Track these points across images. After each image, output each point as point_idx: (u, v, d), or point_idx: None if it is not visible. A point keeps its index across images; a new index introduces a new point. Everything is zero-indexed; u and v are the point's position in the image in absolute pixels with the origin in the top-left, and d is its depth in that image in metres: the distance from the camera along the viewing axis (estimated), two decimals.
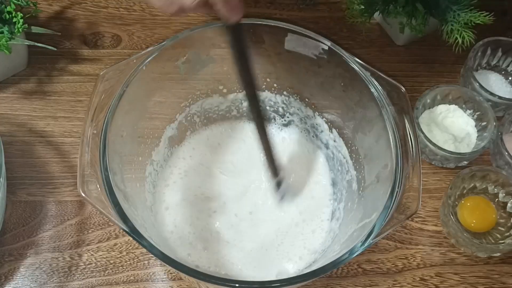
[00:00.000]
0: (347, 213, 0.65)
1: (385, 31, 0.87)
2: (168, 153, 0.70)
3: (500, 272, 0.69)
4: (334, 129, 0.69)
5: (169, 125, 0.69)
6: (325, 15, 0.88)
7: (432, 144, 0.72)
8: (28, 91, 0.78)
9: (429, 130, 0.75)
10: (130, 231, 0.51)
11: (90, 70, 0.80)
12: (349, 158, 0.67)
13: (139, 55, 0.61)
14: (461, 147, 0.74)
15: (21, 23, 0.70)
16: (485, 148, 0.72)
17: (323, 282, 0.67)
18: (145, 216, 0.62)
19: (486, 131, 0.74)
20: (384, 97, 0.60)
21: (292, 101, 0.71)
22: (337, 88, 0.65)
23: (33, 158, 0.73)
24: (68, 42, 0.82)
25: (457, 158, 0.73)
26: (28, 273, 0.66)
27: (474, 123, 0.77)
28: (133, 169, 0.63)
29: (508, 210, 0.71)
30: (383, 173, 0.59)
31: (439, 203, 0.73)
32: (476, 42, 0.76)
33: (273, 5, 0.89)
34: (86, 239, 0.68)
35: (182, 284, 0.66)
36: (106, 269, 0.66)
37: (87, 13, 0.85)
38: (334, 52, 0.63)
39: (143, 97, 0.63)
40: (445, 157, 0.73)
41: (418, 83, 0.82)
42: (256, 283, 0.51)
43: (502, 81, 0.82)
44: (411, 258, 0.69)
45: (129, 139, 0.62)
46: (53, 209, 0.69)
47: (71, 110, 0.77)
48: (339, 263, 0.52)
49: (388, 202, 0.54)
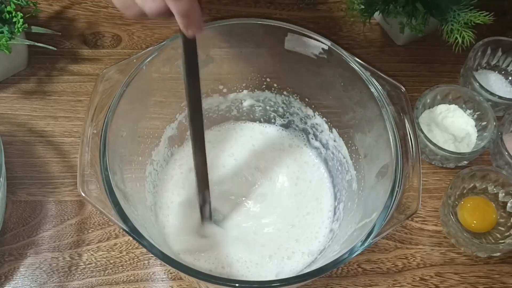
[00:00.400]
0: (347, 213, 0.65)
1: (385, 31, 0.87)
2: (168, 153, 0.70)
3: (500, 272, 0.69)
4: (334, 129, 0.69)
5: (169, 125, 0.69)
6: (325, 15, 0.88)
7: (432, 144, 0.72)
8: (28, 91, 0.78)
9: (429, 130, 0.75)
10: (130, 231, 0.51)
11: (90, 70, 0.80)
12: (349, 158, 0.67)
13: (139, 55, 0.61)
14: (461, 147, 0.74)
15: (21, 23, 0.70)
16: (485, 148, 0.72)
17: (323, 282, 0.67)
18: (145, 216, 0.62)
19: (486, 131, 0.75)
20: (384, 97, 0.60)
21: (292, 101, 0.71)
22: (337, 88, 0.65)
23: (33, 158, 0.73)
24: (68, 42, 0.82)
25: (457, 158, 0.73)
26: (28, 272, 0.66)
27: (474, 123, 0.77)
28: (133, 169, 0.63)
29: (508, 210, 0.71)
30: (383, 173, 0.59)
31: (439, 203, 0.73)
32: (476, 42, 0.76)
33: (273, 5, 0.89)
34: (86, 239, 0.68)
35: (182, 284, 0.66)
36: (106, 269, 0.66)
37: (87, 13, 0.85)
38: (334, 52, 0.63)
39: (143, 97, 0.63)
40: (445, 157, 0.73)
41: (418, 83, 0.82)
42: (256, 282, 0.52)
43: (502, 81, 0.82)
44: (411, 258, 0.69)
45: (129, 139, 0.62)
46: (53, 209, 0.69)
47: (71, 110, 0.77)
48: (339, 263, 0.52)
49: (388, 202, 0.54)
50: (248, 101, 0.73)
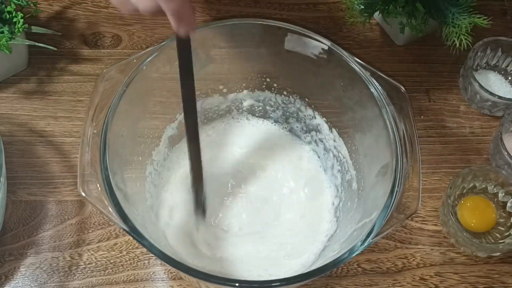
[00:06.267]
0: (347, 213, 0.65)
1: (385, 31, 0.87)
2: (169, 152, 0.70)
3: (500, 272, 0.69)
4: (334, 129, 0.69)
5: (169, 124, 0.69)
6: (325, 15, 0.88)
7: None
8: (29, 91, 0.78)
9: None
10: (130, 231, 0.51)
11: (91, 70, 0.80)
12: (349, 158, 0.67)
13: (139, 55, 0.61)
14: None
15: (21, 23, 0.70)
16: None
17: (323, 282, 0.67)
18: (145, 216, 0.62)
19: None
20: (384, 97, 0.60)
21: (292, 101, 0.71)
22: (337, 88, 0.65)
23: (33, 158, 0.73)
24: (69, 42, 0.82)
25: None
26: (29, 272, 0.66)
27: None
28: (133, 168, 0.63)
29: (508, 209, 0.71)
30: (383, 172, 0.59)
31: (439, 203, 0.73)
32: (476, 42, 0.76)
33: (273, 5, 0.89)
34: (86, 239, 0.68)
35: (182, 284, 0.66)
36: (106, 269, 0.66)
37: (87, 13, 0.85)
38: (334, 52, 0.63)
39: (143, 97, 0.63)
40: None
41: (418, 83, 0.82)
42: (256, 282, 0.52)
43: (502, 81, 0.82)
44: (410, 258, 0.69)
45: (129, 139, 0.62)
46: (53, 208, 0.70)
47: (72, 110, 0.77)
48: (339, 263, 0.52)
49: (388, 202, 0.54)
50: (248, 101, 0.73)
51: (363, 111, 0.63)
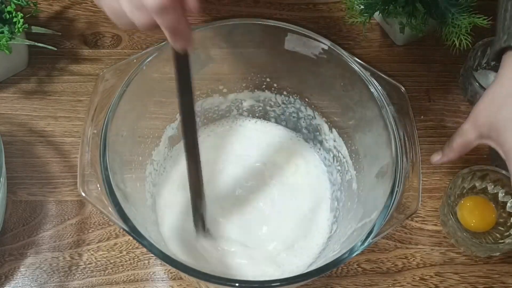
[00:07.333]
0: (347, 213, 0.65)
1: (385, 31, 0.87)
2: (169, 152, 0.70)
3: (500, 272, 0.69)
4: (334, 129, 0.69)
5: (169, 124, 0.69)
6: (325, 15, 0.88)
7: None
8: (29, 91, 0.78)
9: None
10: (130, 231, 0.51)
11: (91, 70, 0.80)
12: (349, 158, 0.67)
13: (139, 55, 0.61)
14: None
15: (21, 23, 0.70)
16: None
17: (323, 282, 0.67)
18: (145, 216, 0.62)
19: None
20: (384, 97, 0.60)
21: (292, 101, 0.71)
22: (337, 88, 0.65)
23: (33, 158, 0.73)
24: (69, 42, 0.82)
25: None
26: (29, 272, 0.66)
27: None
28: (133, 168, 0.63)
29: (508, 209, 0.71)
30: (383, 172, 0.59)
31: (439, 203, 0.73)
32: (475, 42, 0.76)
33: (273, 5, 0.89)
34: (86, 239, 0.68)
35: (182, 284, 0.66)
36: (106, 269, 0.66)
37: (87, 13, 0.85)
38: (334, 52, 0.63)
39: (143, 97, 0.63)
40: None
41: (418, 83, 0.82)
42: (256, 282, 0.52)
43: None
44: (410, 258, 0.69)
45: (129, 138, 0.62)
46: (53, 208, 0.70)
47: (72, 110, 0.77)
48: (339, 263, 0.52)
49: (388, 202, 0.54)
50: (248, 101, 0.73)
51: (363, 111, 0.63)
